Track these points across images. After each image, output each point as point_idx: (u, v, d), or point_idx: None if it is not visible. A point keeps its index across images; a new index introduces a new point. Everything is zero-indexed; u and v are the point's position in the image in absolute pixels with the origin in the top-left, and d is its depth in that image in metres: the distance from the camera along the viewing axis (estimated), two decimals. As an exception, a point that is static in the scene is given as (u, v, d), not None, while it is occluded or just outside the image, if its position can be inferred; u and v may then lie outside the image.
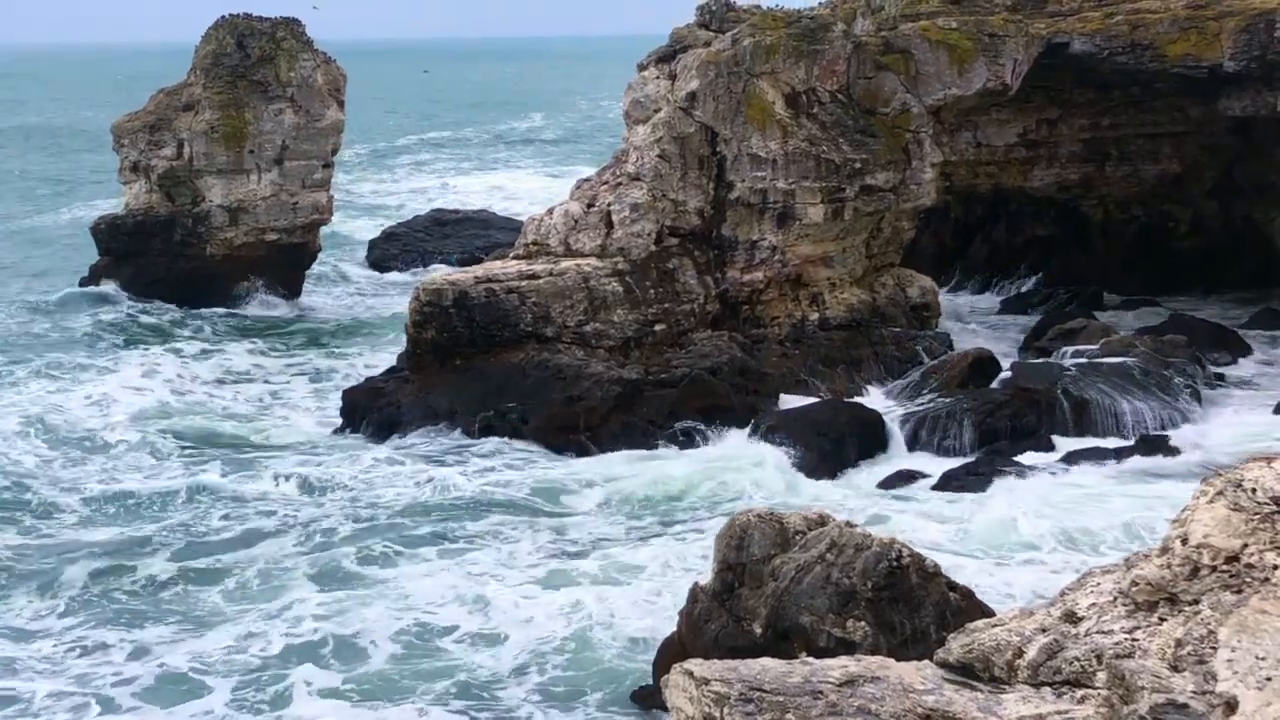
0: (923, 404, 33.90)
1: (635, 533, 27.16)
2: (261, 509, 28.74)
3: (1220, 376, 36.42)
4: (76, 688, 20.84)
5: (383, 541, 26.64)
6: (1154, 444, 30.92)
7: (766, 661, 8.00)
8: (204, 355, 42.34)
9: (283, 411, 36.24)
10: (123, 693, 20.65)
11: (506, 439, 32.29)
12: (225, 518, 28.28)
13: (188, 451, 32.79)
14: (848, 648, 15.47)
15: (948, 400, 33.65)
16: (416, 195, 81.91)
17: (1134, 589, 7.56)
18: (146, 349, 42.78)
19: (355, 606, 23.47)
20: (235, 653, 21.81)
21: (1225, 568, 7.24)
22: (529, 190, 79.92)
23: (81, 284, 49.85)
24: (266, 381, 39.52)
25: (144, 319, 46.64)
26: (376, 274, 57.01)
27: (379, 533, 27.15)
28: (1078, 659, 7.44)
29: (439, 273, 44.13)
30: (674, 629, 18.65)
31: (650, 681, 18.76)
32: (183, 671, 21.22)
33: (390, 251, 59.26)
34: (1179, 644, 7.08)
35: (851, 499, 28.57)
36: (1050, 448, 31.44)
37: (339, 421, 34.64)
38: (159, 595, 24.46)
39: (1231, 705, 6.68)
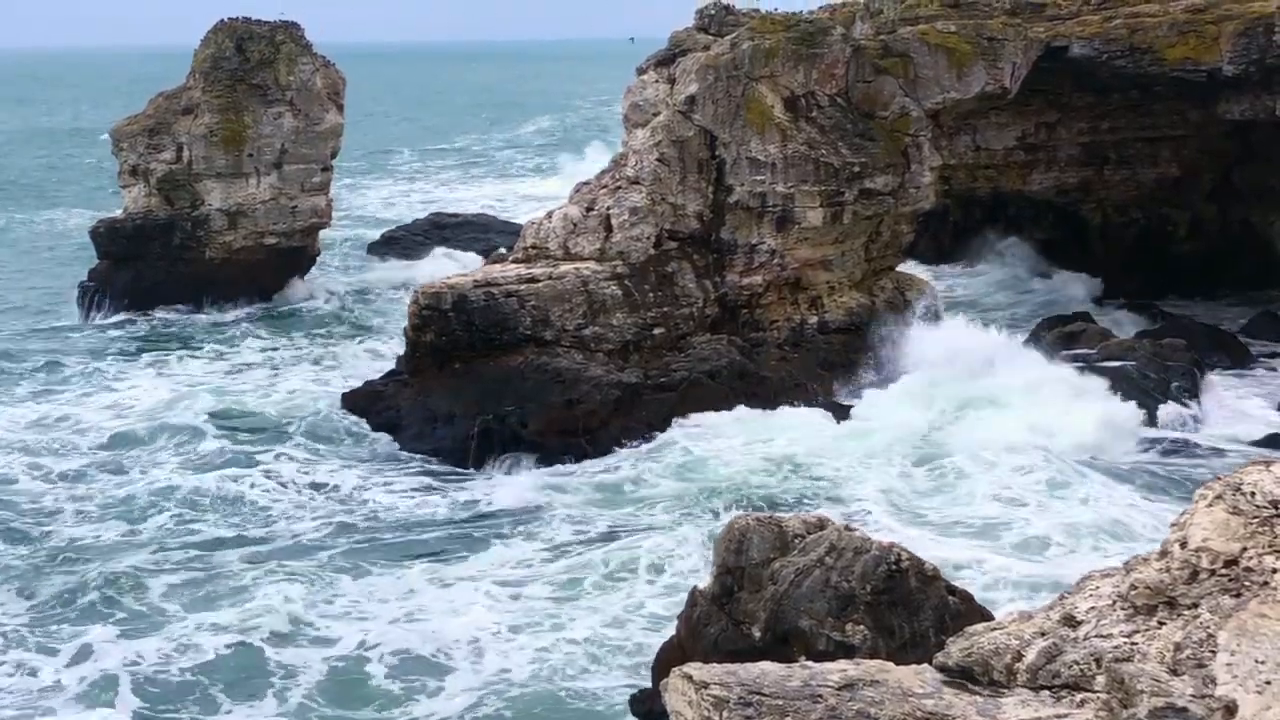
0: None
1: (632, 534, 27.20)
2: (245, 515, 28.68)
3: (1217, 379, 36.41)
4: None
5: (361, 551, 26.53)
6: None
7: (766, 665, 7.99)
8: (200, 360, 42.30)
9: (280, 416, 36.13)
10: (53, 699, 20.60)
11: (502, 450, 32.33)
12: (207, 523, 28.22)
13: (178, 455, 32.73)
14: (847, 651, 15.45)
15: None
16: (417, 198, 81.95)
17: (1133, 592, 7.55)
18: (145, 356, 42.78)
19: (321, 618, 23.31)
20: (160, 668, 21.57)
21: (1224, 571, 7.23)
22: (532, 193, 79.98)
23: (81, 288, 49.82)
24: (264, 386, 39.42)
25: (143, 327, 46.61)
26: (376, 278, 56.94)
27: (360, 542, 27.03)
28: (1077, 663, 7.43)
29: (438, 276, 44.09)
30: (673, 633, 18.63)
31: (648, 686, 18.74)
32: (98, 680, 21.09)
33: (389, 255, 59.26)
34: (1178, 648, 7.07)
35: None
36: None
37: (338, 425, 34.60)
38: (120, 598, 24.37)
39: (1231, 709, 6.67)
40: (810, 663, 8.21)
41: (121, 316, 47.40)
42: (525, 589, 24.41)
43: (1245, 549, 7.22)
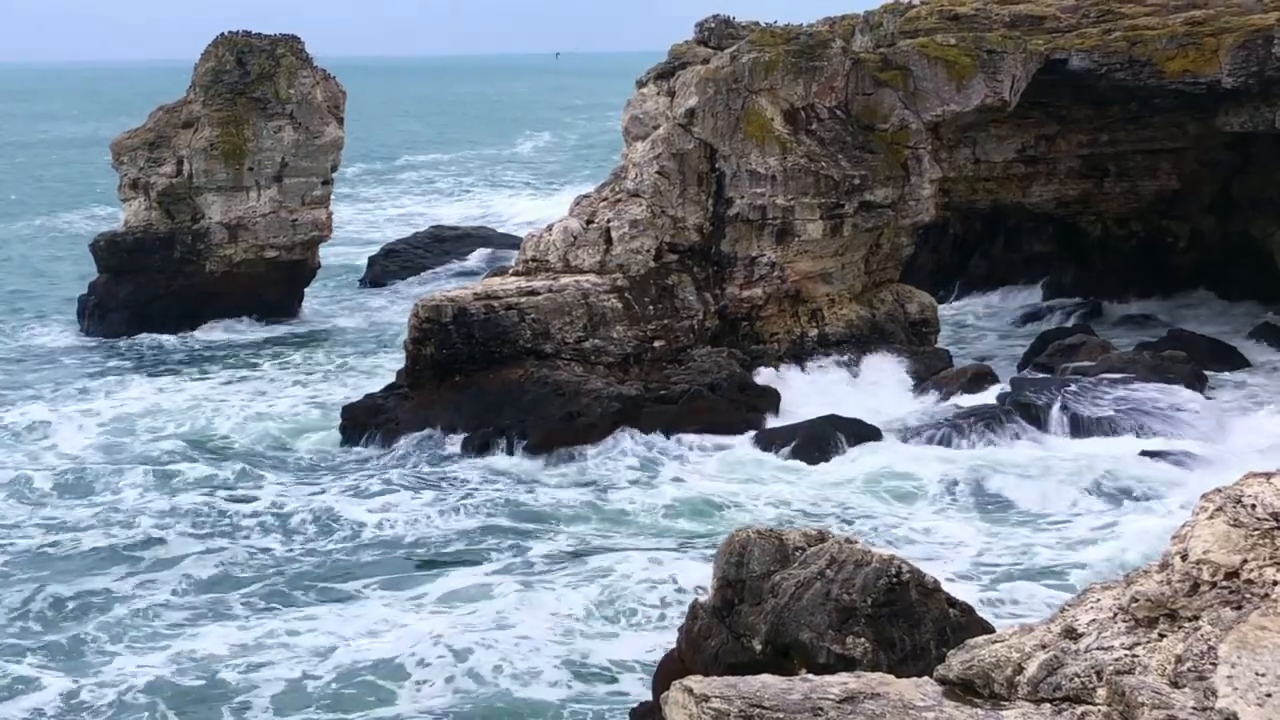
0: (922, 417, 33.90)
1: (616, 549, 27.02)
2: (217, 531, 28.35)
3: (1217, 391, 36.42)
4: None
5: (331, 571, 26.21)
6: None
7: (766, 678, 7.99)
8: (197, 376, 42.13)
9: (280, 430, 36.05)
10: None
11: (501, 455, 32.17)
12: (180, 538, 27.89)
13: (171, 469, 32.46)
14: (847, 664, 15.43)
15: (947, 415, 33.68)
16: (418, 211, 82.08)
17: (1134, 605, 7.55)
18: (141, 372, 42.63)
19: (281, 633, 23.01)
20: (105, 692, 21.03)
21: (1225, 584, 7.23)
22: (534, 209, 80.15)
23: (81, 301, 49.88)
24: (264, 400, 39.26)
25: (141, 342, 46.49)
26: (376, 290, 57.03)
27: (335, 558, 26.78)
28: (1078, 675, 7.43)
29: (438, 289, 44.08)
30: (673, 645, 18.61)
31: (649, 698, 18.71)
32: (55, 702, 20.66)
33: (390, 268, 59.30)
34: (1179, 660, 7.07)
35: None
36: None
37: (338, 438, 34.59)
38: (74, 619, 24.07)
39: (1231, 721, 6.67)
40: (811, 676, 8.21)
41: (120, 330, 47.34)
42: (496, 604, 24.11)
43: (1246, 561, 7.22)
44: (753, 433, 33.08)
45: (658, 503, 29.45)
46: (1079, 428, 32.82)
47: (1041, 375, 36.91)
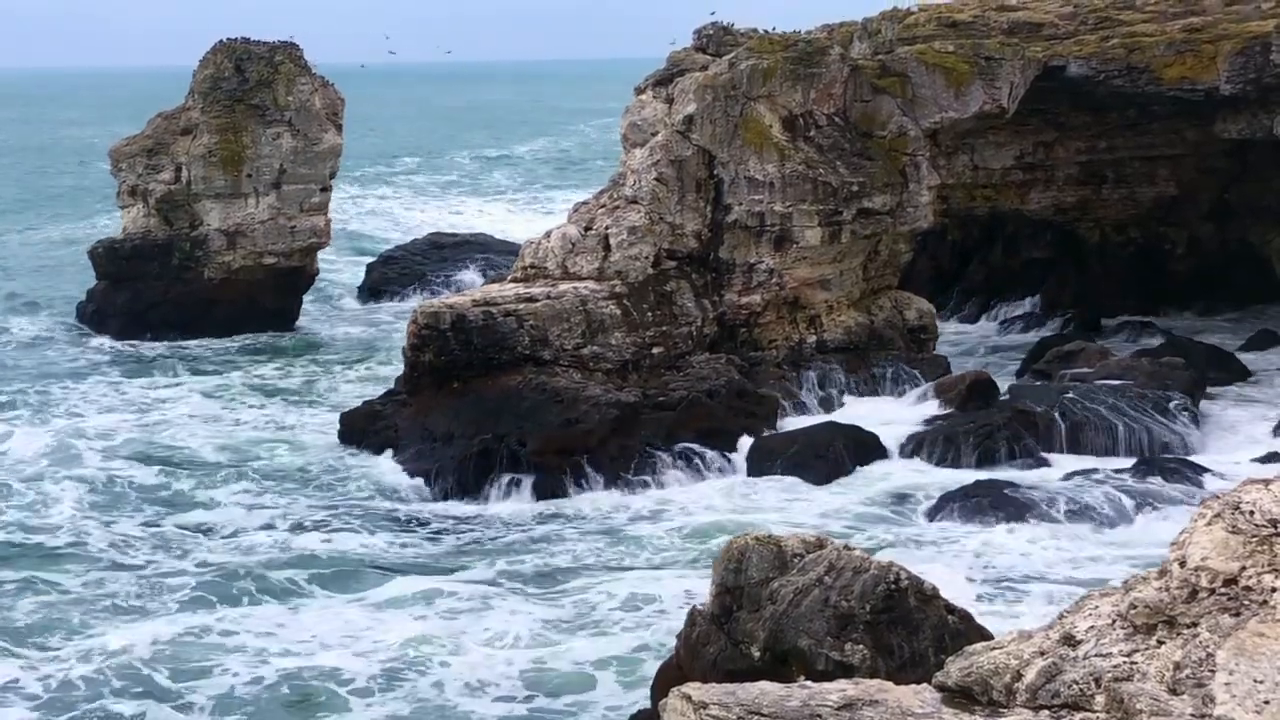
0: (921, 425, 33.90)
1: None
2: (192, 537, 28.10)
3: (1216, 398, 36.41)
4: None
5: (297, 576, 25.87)
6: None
7: (765, 685, 7.99)
8: (194, 381, 42.01)
9: (278, 437, 35.95)
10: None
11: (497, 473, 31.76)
12: (149, 545, 27.65)
13: (152, 475, 32.27)
14: (846, 671, 15.41)
15: (946, 422, 33.69)
16: (416, 219, 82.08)
17: (1132, 612, 7.54)
18: (136, 380, 42.44)
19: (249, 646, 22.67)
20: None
21: (1223, 590, 7.23)
22: (532, 216, 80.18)
23: (79, 309, 49.88)
24: (261, 407, 39.16)
25: (138, 349, 46.36)
26: (374, 297, 56.96)
27: (305, 567, 26.44)
28: (1076, 682, 7.42)
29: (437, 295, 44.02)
30: (671, 653, 18.60)
31: (648, 705, 18.70)
32: None
33: (388, 275, 59.24)
34: (1177, 667, 7.07)
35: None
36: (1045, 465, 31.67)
37: (336, 445, 34.55)
38: (16, 612, 23.93)
39: (1230, 728, 6.67)
40: (809, 682, 8.21)
41: (117, 337, 47.29)
42: (475, 615, 23.90)
43: (1244, 568, 7.22)
44: (751, 441, 33.02)
45: (656, 530, 28.89)
46: (1077, 435, 32.86)
47: (1040, 382, 36.90)
